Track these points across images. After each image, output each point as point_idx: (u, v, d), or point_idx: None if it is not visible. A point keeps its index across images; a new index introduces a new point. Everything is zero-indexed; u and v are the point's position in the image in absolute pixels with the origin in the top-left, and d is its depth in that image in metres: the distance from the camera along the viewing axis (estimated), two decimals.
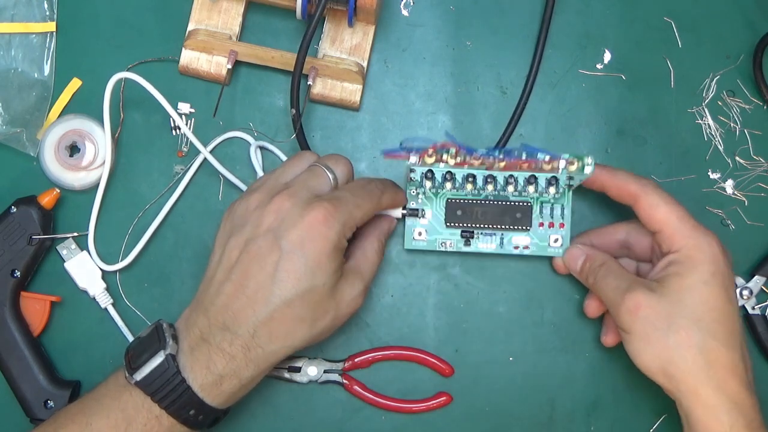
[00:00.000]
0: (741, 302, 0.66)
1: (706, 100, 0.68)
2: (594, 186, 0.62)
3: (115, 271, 0.65)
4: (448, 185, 0.62)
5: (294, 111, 0.62)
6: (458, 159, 0.58)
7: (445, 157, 0.58)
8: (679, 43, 0.68)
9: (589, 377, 0.66)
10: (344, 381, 0.65)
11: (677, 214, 0.58)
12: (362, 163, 0.67)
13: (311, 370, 0.65)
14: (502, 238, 0.65)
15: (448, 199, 0.64)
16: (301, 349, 0.56)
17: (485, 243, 0.65)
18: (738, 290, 0.66)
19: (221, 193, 0.66)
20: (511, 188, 0.62)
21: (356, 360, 0.65)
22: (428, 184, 0.62)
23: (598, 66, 0.68)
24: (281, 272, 0.53)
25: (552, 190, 0.62)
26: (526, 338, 0.66)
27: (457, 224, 0.64)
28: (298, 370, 0.65)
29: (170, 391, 0.53)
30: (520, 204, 0.64)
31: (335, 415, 0.65)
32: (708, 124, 0.67)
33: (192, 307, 0.57)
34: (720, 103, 0.68)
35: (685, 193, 0.67)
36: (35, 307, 0.64)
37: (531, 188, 0.62)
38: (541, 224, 0.64)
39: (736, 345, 0.55)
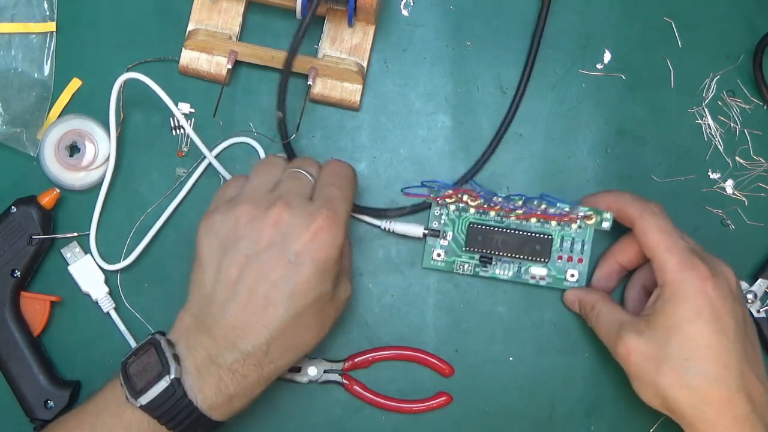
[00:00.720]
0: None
1: (706, 100, 0.68)
2: (601, 207, 0.62)
3: (116, 271, 0.65)
4: (472, 210, 0.64)
5: (280, 114, 0.62)
6: (478, 203, 0.60)
7: (465, 198, 0.60)
8: (679, 43, 0.68)
9: (589, 377, 0.66)
10: (344, 381, 0.65)
11: (666, 244, 0.57)
12: (362, 163, 0.67)
13: (311, 370, 0.65)
14: (519, 267, 0.65)
15: (470, 223, 0.65)
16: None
17: (502, 270, 0.65)
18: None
19: None
20: (533, 220, 0.64)
21: (356, 360, 0.65)
22: (452, 207, 0.64)
23: (598, 66, 0.68)
24: (292, 285, 0.53)
25: (574, 225, 0.64)
26: (526, 338, 0.66)
27: (476, 249, 0.64)
28: (298, 370, 0.65)
29: (178, 413, 0.51)
30: (541, 236, 0.64)
31: (335, 415, 0.65)
32: (708, 124, 0.67)
33: (190, 324, 0.55)
34: (720, 103, 0.68)
35: (685, 193, 0.67)
36: (35, 307, 0.64)
37: (553, 222, 0.64)
38: (560, 257, 0.65)
39: (731, 378, 0.55)
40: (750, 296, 0.66)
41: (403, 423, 0.65)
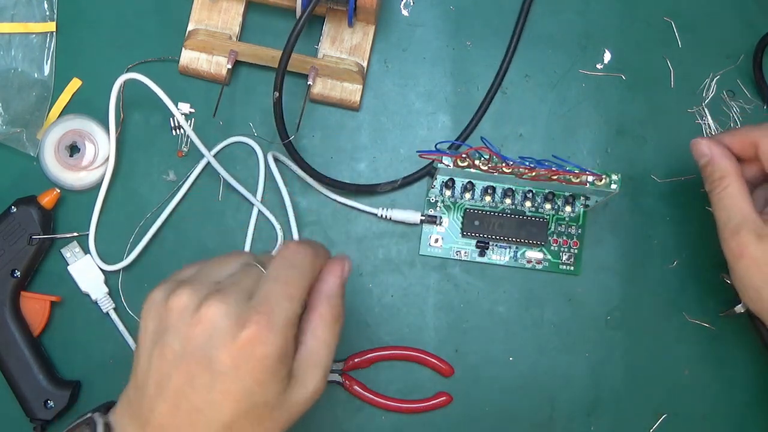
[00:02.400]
0: (745, 306, 0.65)
1: (706, 100, 0.68)
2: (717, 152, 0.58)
3: (116, 271, 0.65)
4: (468, 195, 0.65)
5: (277, 94, 0.60)
6: (490, 165, 0.59)
7: (477, 162, 0.58)
8: (679, 43, 0.68)
9: (589, 377, 0.66)
10: (344, 381, 0.65)
11: None
12: (362, 163, 0.67)
13: None
14: (516, 252, 0.66)
15: (466, 208, 0.65)
16: None
17: (499, 255, 0.66)
18: None
19: (221, 194, 0.66)
20: (528, 204, 0.65)
21: (356, 360, 0.65)
22: (448, 192, 0.65)
23: (598, 66, 0.68)
24: (216, 395, 0.46)
25: (568, 209, 0.65)
26: (526, 338, 0.66)
27: (473, 234, 0.65)
28: None
29: None
30: (537, 219, 0.65)
31: (335, 415, 0.65)
32: (708, 124, 0.67)
33: (127, 409, 0.50)
34: (720, 103, 0.68)
35: (685, 194, 0.67)
36: (35, 307, 0.64)
37: (548, 205, 0.65)
38: (555, 241, 0.66)
39: None
40: None
41: (403, 423, 0.65)
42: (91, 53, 0.67)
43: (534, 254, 0.66)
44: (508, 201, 0.65)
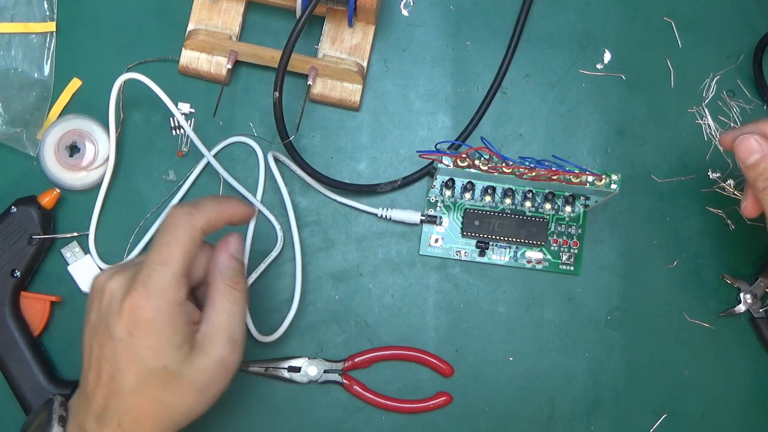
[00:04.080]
0: (745, 306, 0.66)
1: (706, 100, 0.68)
2: (727, 147, 0.57)
3: None
4: (467, 195, 0.65)
5: (277, 94, 0.61)
6: (490, 165, 0.59)
7: (477, 162, 0.59)
8: (679, 43, 0.68)
9: (589, 377, 0.66)
10: (344, 381, 0.65)
11: None
12: (362, 163, 0.67)
13: (311, 370, 0.65)
14: (516, 252, 0.66)
15: (466, 208, 0.65)
16: (184, 425, 0.52)
17: (499, 255, 0.66)
18: (742, 294, 0.66)
19: (221, 194, 0.66)
20: (528, 204, 0.65)
21: (356, 360, 0.65)
22: (448, 193, 0.65)
23: (598, 66, 0.68)
24: (120, 361, 0.50)
25: (568, 209, 0.65)
26: (526, 338, 0.66)
27: (473, 234, 0.65)
28: (297, 370, 0.65)
29: None
30: (537, 219, 0.65)
31: (335, 415, 0.65)
32: (708, 124, 0.67)
33: (79, 391, 0.54)
34: (720, 103, 0.68)
35: (685, 193, 0.67)
36: (35, 307, 0.64)
37: (548, 205, 0.65)
38: (555, 241, 0.66)
39: None
40: (750, 296, 0.66)
41: (403, 423, 0.65)
42: (91, 53, 0.67)
43: (534, 254, 0.66)
44: (508, 201, 0.65)
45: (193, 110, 0.67)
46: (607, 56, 0.68)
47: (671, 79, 0.68)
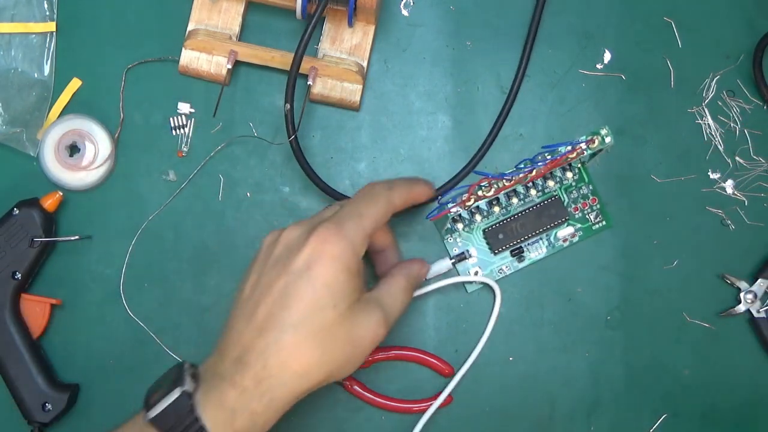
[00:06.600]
0: (745, 306, 0.66)
1: (706, 100, 0.68)
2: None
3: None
4: (478, 218, 0.65)
5: (288, 106, 0.61)
6: (494, 189, 0.60)
7: (481, 193, 0.60)
8: (679, 43, 0.68)
9: (589, 377, 0.66)
10: (344, 381, 0.65)
11: None
12: (362, 163, 0.67)
13: None
14: (548, 239, 0.66)
15: (483, 229, 0.65)
16: (319, 384, 0.53)
17: (536, 251, 0.66)
18: (742, 294, 0.66)
19: (221, 194, 0.66)
20: (533, 192, 0.65)
21: None
22: (460, 226, 0.65)
23: (598, 66, 0.68)
24: (288, 297, 0.52)
25: (569, 174, 0.66)
26: (526, 338, 0.66)
27: (503, 247, 0.65)
28: None
29: (183, 429, 0.50)
30: (549, 201, 0.65)
31: (335, 415, 0.66)
32: (708, 124, 0.67)
33: (213, 352, 0.54)
34: (720, 103, 0.68)
35: (685, 193, 0.67)
36: (35, 310, 0.64)
37: (551, 183, 0.65)
38: (576, 209, 0.66)
39: None
40: (750, 296, 0.66)
41: (403, 423, 0.65)
42: (91, 53, 0.67)
43: (565, 232, 0.66)
44: (515, 201, 0.65)
45: (193, 110, 0.67)
46: (607, 56, 0.68)
47: (671, 79, 0.68)
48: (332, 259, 0.52)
